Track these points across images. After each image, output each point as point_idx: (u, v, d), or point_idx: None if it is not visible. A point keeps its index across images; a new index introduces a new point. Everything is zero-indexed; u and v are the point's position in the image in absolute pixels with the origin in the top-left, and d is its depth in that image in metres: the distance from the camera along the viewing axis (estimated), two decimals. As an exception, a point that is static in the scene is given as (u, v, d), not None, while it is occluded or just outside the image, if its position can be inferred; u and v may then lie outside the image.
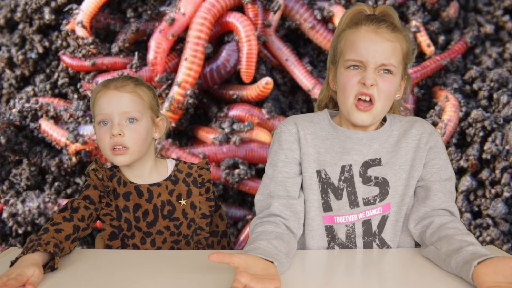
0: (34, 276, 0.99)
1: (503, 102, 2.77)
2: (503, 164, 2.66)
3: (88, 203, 1.31)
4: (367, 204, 1.23)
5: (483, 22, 3.13)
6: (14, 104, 2.99)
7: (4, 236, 2.92)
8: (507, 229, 2.66)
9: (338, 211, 1.24)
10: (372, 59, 1.18)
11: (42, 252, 1.07)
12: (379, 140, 1.25)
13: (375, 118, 1.22)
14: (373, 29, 1.21)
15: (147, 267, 1.11)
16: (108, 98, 1.31)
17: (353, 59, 1.20)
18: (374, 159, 1.24)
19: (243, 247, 1.17)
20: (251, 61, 2.79)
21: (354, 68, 1.21)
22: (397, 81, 1.23)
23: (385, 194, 1.23)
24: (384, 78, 1.20)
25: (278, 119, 2.85)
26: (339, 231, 1.25)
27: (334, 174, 1.23)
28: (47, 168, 2.89)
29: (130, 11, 2.93)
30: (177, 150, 2.80)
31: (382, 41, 1.20)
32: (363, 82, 1.18)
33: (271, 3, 2.84)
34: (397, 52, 1.21)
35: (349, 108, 1.21)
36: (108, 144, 1.30)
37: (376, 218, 1.24)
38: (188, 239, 1.37)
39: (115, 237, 1.34)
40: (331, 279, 1.07)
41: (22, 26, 3.06)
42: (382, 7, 1.29)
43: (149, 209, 1.35)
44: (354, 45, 1.21)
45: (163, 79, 2.80)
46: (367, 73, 1.18)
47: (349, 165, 1.23)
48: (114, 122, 1.30)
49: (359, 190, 1.23)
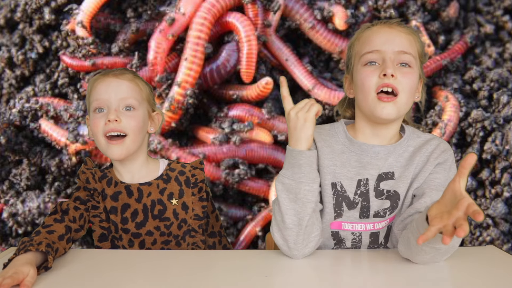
0: (29, 276, 0.99)
1: (503, 102, 2.77)
2: (503, 164, 2.66)
3: (79, 204, 1.29)
4: (377, 216, 1.22)
5: (483, 22, 3.13)
6: (14, 104, 2.99)
7: (4, 236, 2.92)
8: (507, 229, 2.66)
9: (348, 218, 1.23)
10: (390, 47, 1.16)
11: (35, 252, 1.06)
12: (394, 154, 1.22)
13: (400, 111, 1.17)
14: (386, 25, 1.21)
15: (142, 267, 1.11)
16: (106, 84, 1.27)
17: (370, 51, 1.17)
18: (387, 172, 1.21)
19: (243, 247, 1.18)
20: (251, 61, 2.79)
21: (371, 64, 1.17)
22: (416, 77, 1.19)
23: (395, 207, 1.22)
24: (403, 71, 1.16)
25: (278, 119, 2.84)
26: (345, 238, 1.25)
27: (350, 187, 1.22)
28: (47, 168, 2.89)
29: (130, 11, 2.93)
30: (177, 150, 2.80)
31: (397, 33, 1.19)
32: (383, 73, 1.14)
33: (271, 3, 2.84)
34: (413, 44, 1.19)
35: (371, 102, 1.16)
36: (103, 131, 1.25)
37: (384, 230, 1.24)
38: (179, 239, 1.34)
39: (105, 238, 1.32)
40: (337, 278, 1.07)
41: (22, 26, 3.06)
42: (394, 19, 1.28)
43: (139, 209, 1.31)
44: (368, 39, 1.20)
45: (163, 79, 2.80)
46: (386, 64, 1.15)
47: (365, 179, 1.21)
48: (111, 108, 1.26)
49: (373, 204, 1.21)
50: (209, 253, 1.29)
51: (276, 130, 2.85)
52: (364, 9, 2.89)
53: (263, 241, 2.77)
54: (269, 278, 1.04)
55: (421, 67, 1.23)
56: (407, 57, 1.17)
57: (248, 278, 1.04)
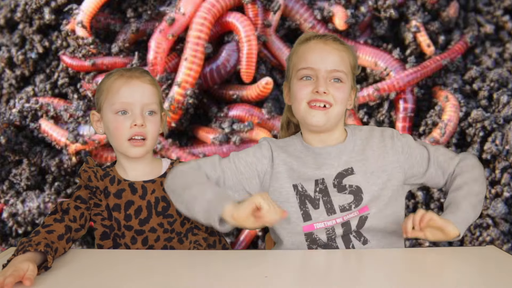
0: (30, 270, 0.99)
1: (503, 102, 2.76)
2: (503, 164, 2.66)
3: (79, 203, 1.30)
4: (344, 210, 1.28)
5: (483, 22, 3.13)
6: (14, 104, 2.99)
7: (4, 236, 2.92)
8: (507, 229, 2.66)
9: (317, 219, 1.29)
10: (323, 66, 1.26)
11: (34, 252, 1.06)
12: (346, 151, 1.32)
13: (329, 120, 1.28)
14: (321, 41, 1.31)
15: (142, 267, 1.11)
16: (131, 87, 1.31)
17: (305, 67, 1.27)
18: (346, 169, 1.30)
19: (243, 247, 1.19)
20: (251, 61, 2.79)
21: (306, 79, 1.28)
22: (347, 89, 1.31)
23: (359, 200, 1.28)
24: (335, 86, 1.27)
25: (278, 119, 2.85)
26: (319, 234, 1.29)
27: (309, 187, 1.30)
28: (47, 168, 2.89)
29: (130, 11, 2.93)
30: (177, 150, 2.80)
31: (330, 50, 1.29)
32: (316, 90, 1.25)
33: (271, 3, 2.84)
34: (345, 60, 1.30)
35: (303, 111, 1.28)
36: (128, 134, 1.30)
37: (354, 219, 1.29)
38: (181, 236, 1.35)
39: (106, 236, 1.33)
40: (337, 278, 1.07)
41: (22, 26, 3.06)
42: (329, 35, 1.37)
43: (143, 205, 1.33)
44: (304, 56, 1.29)
45: (163, 79, 2.80)
46: (319, 82, 1.25)
47: (321, 179, 1.29)
48: (135, 112, 1.30)
49: (335, 198, 1.29)
50: (209, 253, 1.29)
51: (276, 130, 2.85)
52: (364, 9, 2.89)
53: (263, 241, 2.77)
54: (269, 278, 1.04)
55: (353, 79, 1.34)
56: (338, 74, 1.28)
57: (248, 278, 1.04)
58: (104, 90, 1.34)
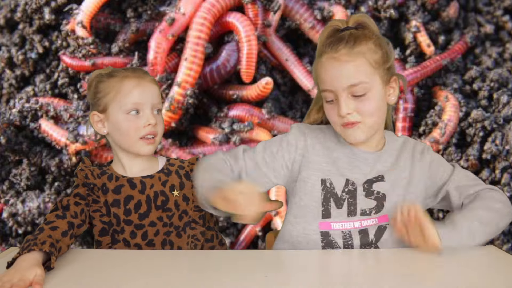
0: (38, 276, 1.00)
1: (503, 102, 2.77)
2: (503, 164, 2.67)
3: (79, 199, 1.32)
4: (363, 214, 1.26)
5: (483, 22, 3.13)
6: (14, 104, 2.99)
7: (4, 236, 2.92)
8: (507, 229, 2.66)
9: (336, 217, 1.26)
10: (338, 84, 1.19)
11: (38, 252, 1.07)
12: (381, 160, 1.29)
13: (369, 132, 1.23)
14: (331, 56, 1.21)
15: (142, 267, 1.11)
16: (142, 88, 1.35)
17: (324, 89, 1.23)
18: (377, 176, 1.27)
19: (243, 247, 1.18)
20: (251, 61, 2.79)
21: (330, 102, 1.23)
22: (377, 94, 1.22)
23: (380, 207, 1.26)
24: (360, 100, 1.20)
25: (278, 119, 2.85)
26: (336, 237, 1.26)
27: (339, 185, 1.26)
28: (47, 168, 2.89)
29: (130, 11, 2.93)
30: (177, 150, 2.80)
31: (341, 65, 1.20)
32: (338, 115, 1.20)
33: (271, 3, 2.84)
34: (362, 67, 1.20)
35: (341, 132, 1.25)
36: (141, 133, 1.34)
37: (372, 227, 1.26)
38: (179, 230, 1.37)
39: (105, 233, 1.34)
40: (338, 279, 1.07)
41: (22, 26, 3.05)
42: (355, 17, 1.28)
43: (142, 200, 1.36)
44: (320, 76, 1.24)
45: (163, 79, 2.80)
46: (339, 104, 1.20)
47: (352, 181, 1.26)
48: (146, 112, 1.34)
49: (360, 202, 1.26)
50: (209, 253, 1.29)
51: (276, 130, 2.85)
52: (364, 9, 2.89)
53: (263, 241, 2.77)
54: (269, 278, 1.04)
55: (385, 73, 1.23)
56: (355, 89, 1.19)
57: (248, 278, 1.04)
58: (111, 91, 1.35)
